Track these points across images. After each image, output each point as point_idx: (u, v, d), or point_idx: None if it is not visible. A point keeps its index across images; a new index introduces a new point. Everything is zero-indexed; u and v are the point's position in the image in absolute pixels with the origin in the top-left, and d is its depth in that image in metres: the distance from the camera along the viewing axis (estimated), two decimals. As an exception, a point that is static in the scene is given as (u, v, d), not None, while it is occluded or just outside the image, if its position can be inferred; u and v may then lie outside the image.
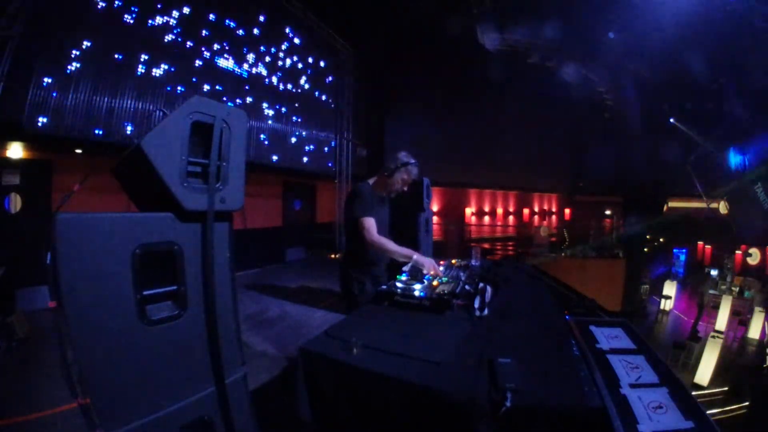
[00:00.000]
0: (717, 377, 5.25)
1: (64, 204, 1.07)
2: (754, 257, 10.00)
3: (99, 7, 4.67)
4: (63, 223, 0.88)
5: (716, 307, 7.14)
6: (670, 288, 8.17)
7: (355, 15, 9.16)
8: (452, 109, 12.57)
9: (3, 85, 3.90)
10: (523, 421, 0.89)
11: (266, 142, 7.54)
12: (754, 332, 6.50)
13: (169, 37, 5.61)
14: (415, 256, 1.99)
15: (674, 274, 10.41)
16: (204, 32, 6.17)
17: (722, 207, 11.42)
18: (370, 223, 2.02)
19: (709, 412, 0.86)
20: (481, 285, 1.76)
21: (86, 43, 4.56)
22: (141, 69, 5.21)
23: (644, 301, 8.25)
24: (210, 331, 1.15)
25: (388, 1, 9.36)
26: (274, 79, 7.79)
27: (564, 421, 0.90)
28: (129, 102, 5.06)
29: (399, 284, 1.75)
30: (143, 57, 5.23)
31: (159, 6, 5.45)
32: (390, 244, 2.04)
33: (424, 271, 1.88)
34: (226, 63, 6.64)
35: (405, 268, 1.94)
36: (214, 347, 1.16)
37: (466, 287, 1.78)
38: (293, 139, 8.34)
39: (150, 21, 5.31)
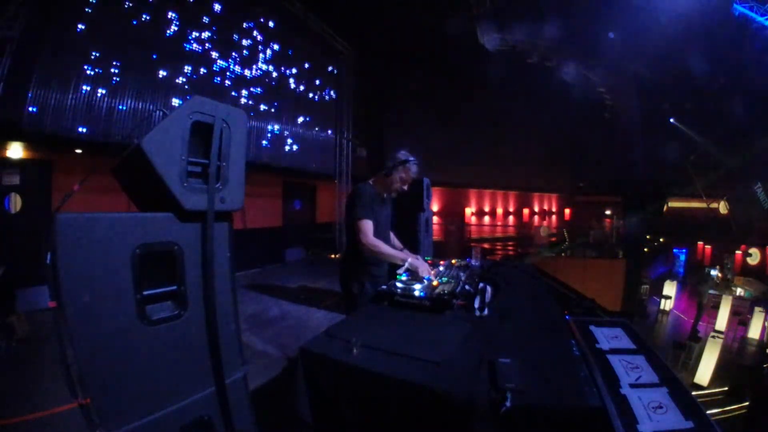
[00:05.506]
0: (717, 377, 5.25)
1: (64, 204, 1.07)
2: (754, 257, 10.02)
3: (98, 6, 4.67)
4: (63, 223, 0.88)
5: (716, 307, 7.15)
6: (670, 288, 8.18)
7: (356, 15, 9.15)
8: (452, 108, 12.58)
9: (3, 85, 3.90)
10: (523, 421, 0.89)
11: (266, 142, 7.54)
12: (754, 332, 6.50)
13: (168, 37, 5.61)
14: (410, 259, 1.98)
15: (674, 274, 10.42)
16: (204, 32, 6.17)
17: (722, 207, 11.44)
18: (367, 226, 2.01)
19: (709, 412, 0.86)
20: (481, 285, 1.76)
21: (86, 43, 4.56)
22: (140, 69, 5.20)
23: (644, 301, 8.26)
24: (210, 331, 1.15)
25: (389, 1, 9.36)
26: (274, 79, 7.78)
27: (564, 421, 0.90)
28: (129, 102, 5.06)
29: (399, 284, 1.75)
30: (143, 57, 5.22)
31: (158, 5, 5.44)
32: (384, 248, 2.03)
33: (420, 273, 1.89)
34: (226, 63, 6.64)
35: (399, 271, 1.94)
36: (214, 347, 1.16)
37: (466, 287, 1.78)
38: (293, 139, 8.34)
39: (149, 20, 5.30)
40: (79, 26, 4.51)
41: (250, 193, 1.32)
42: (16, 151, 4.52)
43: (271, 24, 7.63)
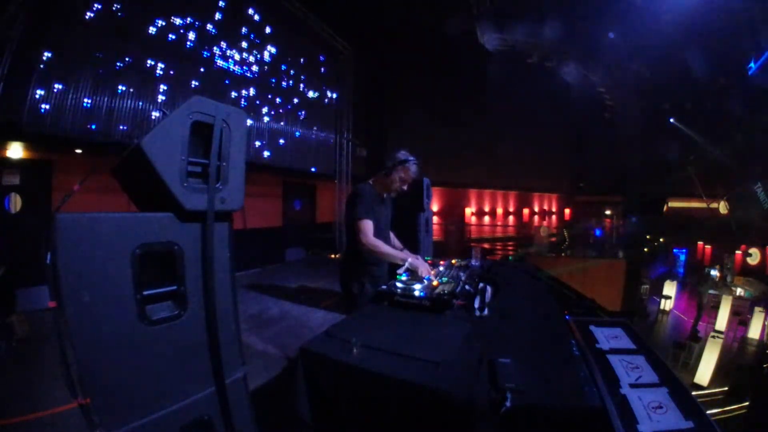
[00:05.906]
0: (717, 377, 5.25)
1: (64, 204, 1.07)
2: (754, 257, 10.01)
3: (97, 7, 4.67)
4: (63, 223, 0.88)
5: (716, 307, 7.14)
6: (670, 288, 8.17)
7: (355, 15, 9.15)
8: (452, 108, 12.58)
9: (3, 85, 3.89)
10: (523, 421, 0.89)
11: (266, 142, 7.54)
12: (754, 332, 6.50)
13: (168, 37, 5.60)
14: (410, 259, 1.98)
15: (674, 274, 10.40)
16: (203, 32, 6.17)
17: (722, 207, 11.43)
18: (367, 226, 2.01)
19: (709, 412, 0.86)
20: (481, 285, 1.76)
21: (86, 43, 4.56)
22: (141, 69, 5.20)
23: (644, 301, 8.25)
24: (210, 331, 1.15)
25: (389, 1, 9.37)
26: (274, 79, 7.78)
27: (564, 421, 0.90)
28: (129, 102, 5.06)
29: (399, 284, 1.75)
30: (142, 57, 5.22)
31: (158, 5, 5.44)
32: (384, 247, 2.04)
33: (420, 273, 1.89)
34: (226, 63, 6.64)
35: (399, 271, 1.94)
36: (214, 347, 1.16)
37: (466, 287, 1.78)
38: (293, 139, 8.33)
39: (149, 20, 5.30)
40: (79, 26, 4.50)
41: (250, 193, 1.32)
42: (16, 151, 4.52)
43: (271, 24, 7.63)
